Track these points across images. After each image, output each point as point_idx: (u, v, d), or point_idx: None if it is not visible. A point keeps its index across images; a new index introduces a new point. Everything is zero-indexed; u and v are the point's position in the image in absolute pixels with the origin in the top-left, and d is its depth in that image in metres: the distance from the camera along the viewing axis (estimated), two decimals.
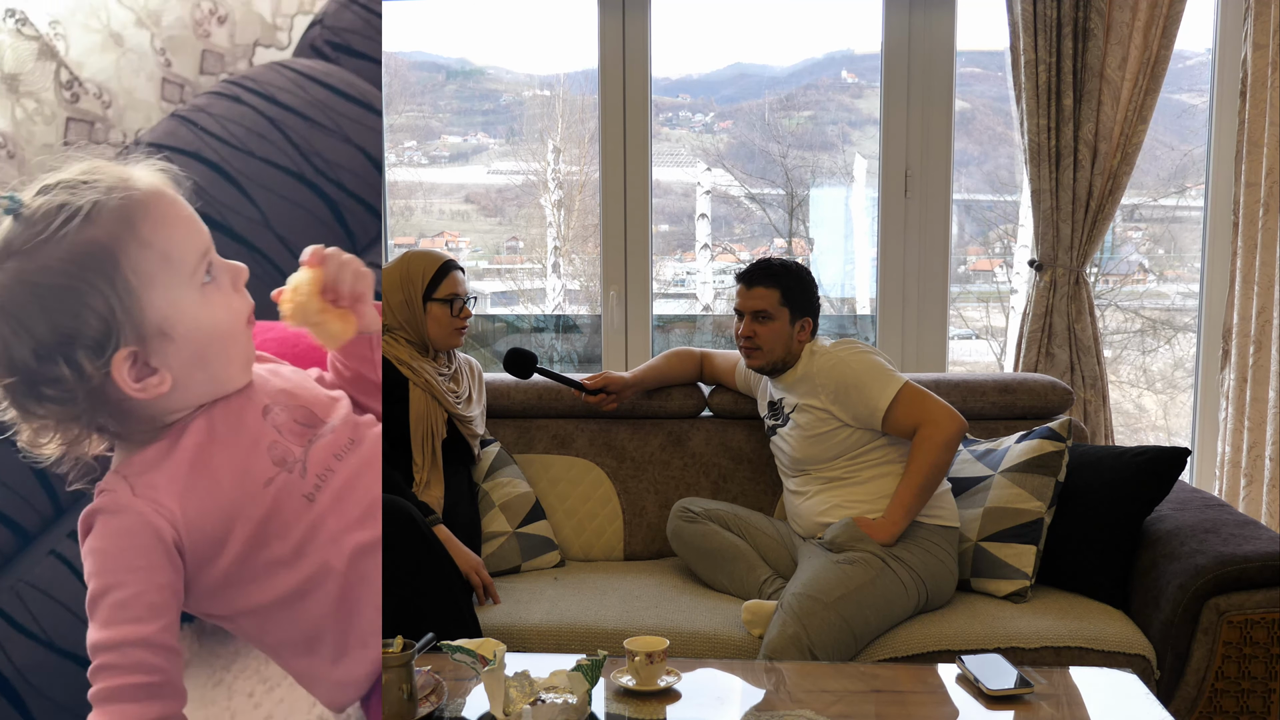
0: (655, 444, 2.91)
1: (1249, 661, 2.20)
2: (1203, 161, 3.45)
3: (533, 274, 4.12)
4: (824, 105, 3.89)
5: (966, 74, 3.63)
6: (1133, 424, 4.08)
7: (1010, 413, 2.87)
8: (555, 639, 2.32)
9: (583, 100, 3.84)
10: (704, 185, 3.93)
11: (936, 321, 3.44)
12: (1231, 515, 2.45)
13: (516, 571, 2.69)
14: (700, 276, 4.01)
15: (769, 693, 1.80)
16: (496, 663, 1.63)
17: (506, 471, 2.81)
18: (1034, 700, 1.74)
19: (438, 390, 2.59)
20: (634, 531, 2.86)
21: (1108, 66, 3.10)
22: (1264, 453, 3.20)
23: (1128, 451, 2.54)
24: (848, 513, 2.45)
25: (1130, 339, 4.02)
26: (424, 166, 4.02)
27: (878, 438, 2.49)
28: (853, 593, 2.25)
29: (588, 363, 3.91)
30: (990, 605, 2.40)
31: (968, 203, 3.84)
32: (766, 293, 2.54)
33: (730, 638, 2.30)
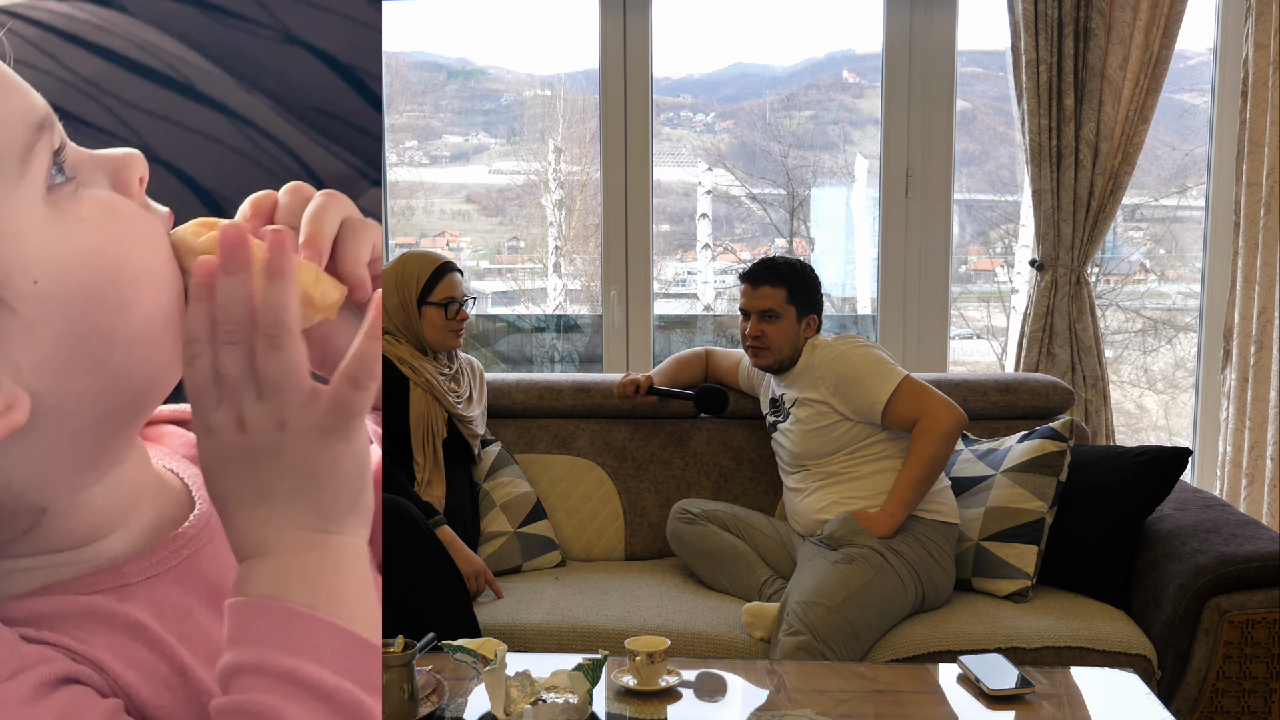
0: (656, 444, 2.91)
1: (1250, 661, 2.20)
2: (1204, 161, 3.44)
3: (534, 274, 4.12)
4: (825, 105, 3.89)
5: (967, 74, 3.63)
6: (1134, 424, 4.08)
7: (1011, 412, 2.87)
8: (556, 639, 2.32)
9: (584, 100, 3.84)
10: (705, 185, 3.93)
11: (937, 321, 3.44)
12: (1233, 515, 2.45)
13: (517, 571, 2.69)
14: (701, 276, 4.01)
15: (770, 693, 1.80)
16: (497, 662, 1.63)
17: (507, 471, 2.82)
18: (1035, 700, 1.74)
19: (438, 390, 2.59)
20: (635, 531, 2.86)
21: (1109, 66, 3.10)
22: (1265, 452, 3.19)
23: (1129, 451, 2.54)
24: (846, 509, 2.45)
25: (1131, 339, 4.02)
26: (425, 166, 4.02)
27: (877, 432, 2.49)
28: (854, 594, 2.25)
29: (588, 363, 3.91)
30: (991, 605, 2.40)
31: (969, 202, 3.84)
32: (773, 291, 2.54)
33: (732, 638, 2.30)
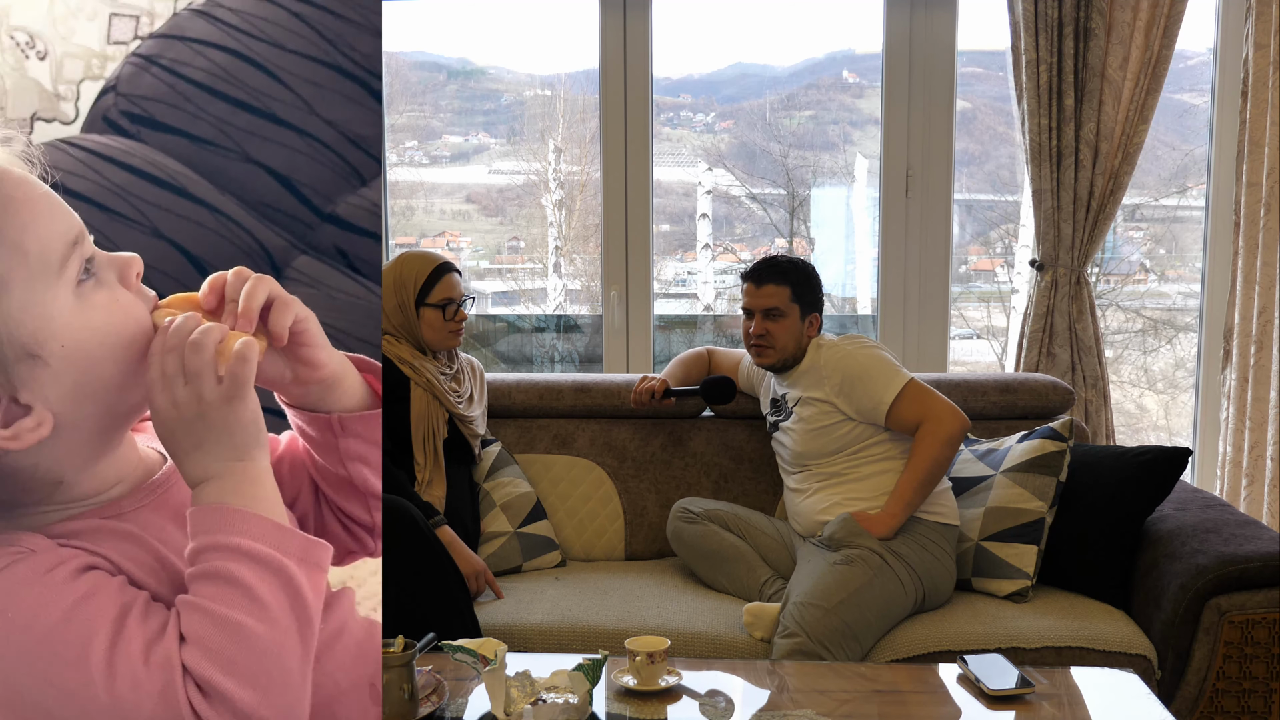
0: (656, 444, 2.91)
1: (1250, 661, 2.20)
2: (1204, 161, 3.44)
3: (534, 274, 4.12)
4: (825, 105, 3.89)
5: (967, 74, 3.63)
6: (1134, 424, 4.08)
7: (1011, 412, 2.87)
8: (556, 639, 2.32)
9: (584, 100, 3.84)
10: (705, 185, 3.93)
11: (937, 321, 3.44)
12: (1233, 515, 2.45)
13: (517, 571, 2.69)
14: (701, 276, 4.01)
15: (771, 693, 1.80)
16: (497, 662, 1.63)
17: (507, 471, 2.81)
18: (1035, 700, 1.74)
19: (439, 390, 2.59)
20: (635, 531, 2.86)
21: (1109, 66, 3.10)
22: (1265, 452, 3.19)
23: (1129, 451, 2.54)
24: (847, 509, 2.45)
25: (1131, 339, 4.02)
26: (425, 166, 4.02)
27: (879, 433, 2.49)
28: (852, 595, 2.25)
29: (588, 363, 3.91)
30: (991, 605, 2.40)
31: (969, 202, 3.84)
32: (777, 290, 2.54)
33: (732, 638, 2.30)
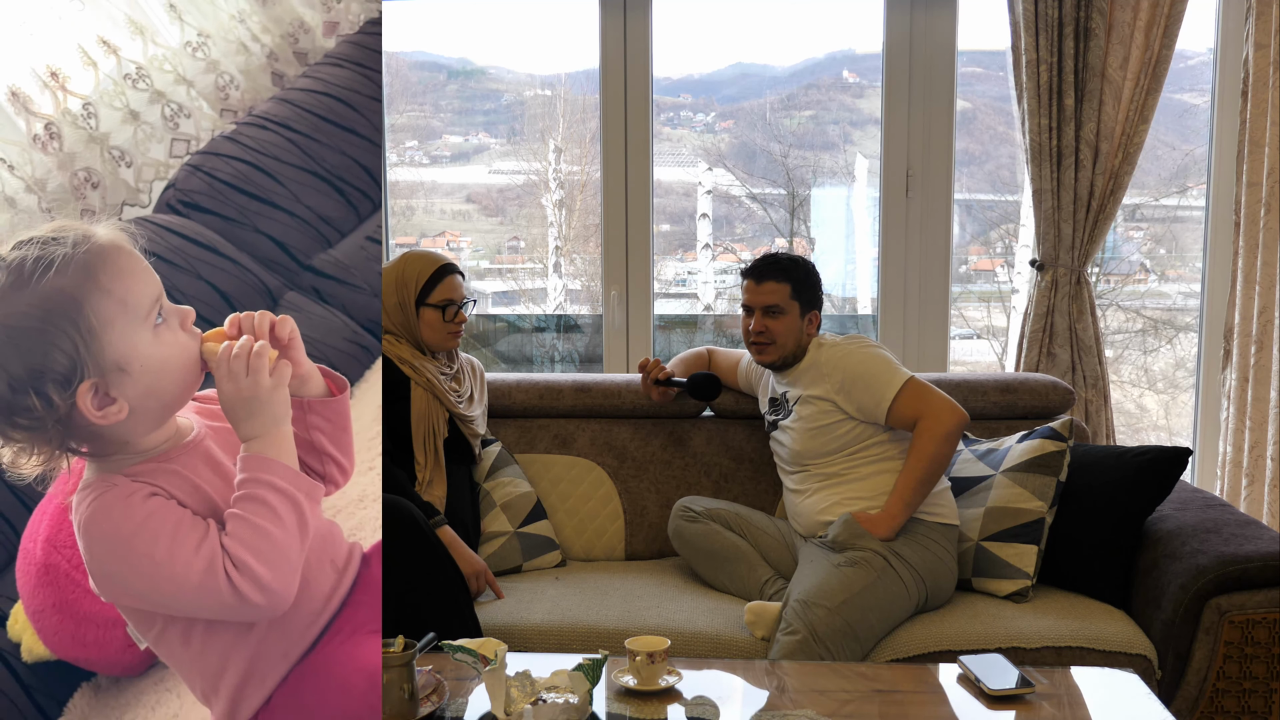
0: (656, 444, 2.91)
1: (1250, 661, 2.20)
2: (1204, 161, 3.45)
3: (534, 274, 4.12)
4: (825, 105, 3.89)
5: (968, 74, 3.63)
6: (1134, 424, 4.08)
7: (1011, 412, 2.87)
8: (556, 639, 2.32)
9: (584, 100, 3.84)
10: (705, 185, 3.93)
11: (938, 321, 3.44)
12: (1233, 515, 2.45)
13: (518, 571, 2.70)
14: (701, 276, 4.02)
15: (770, 693, 1.80)
16: (498, 662, 1.63)
17: (508, 471, 2.81)
18: (1035, 700, 1.74)
19: (439, 389, 2.59)
20: (635, 531, 2.86)
21: (1109, 66, 3.10)
22: (1265, 452, 3.20)
23: (1129, 451, 2.54)
24: (848, 510, 2.45)
25: (1131, 339, 4.02)
26: (425, 166, 4.02)
27: (878, 433, 2.49)
28: (855, 596, 2.25)
29: (589, 362, 3.91)
30: (991, 605, 2.40)
31: (969, 202, 3.84)
32: (777, 287, 2.54)
33: (732, 638, 2.30)
